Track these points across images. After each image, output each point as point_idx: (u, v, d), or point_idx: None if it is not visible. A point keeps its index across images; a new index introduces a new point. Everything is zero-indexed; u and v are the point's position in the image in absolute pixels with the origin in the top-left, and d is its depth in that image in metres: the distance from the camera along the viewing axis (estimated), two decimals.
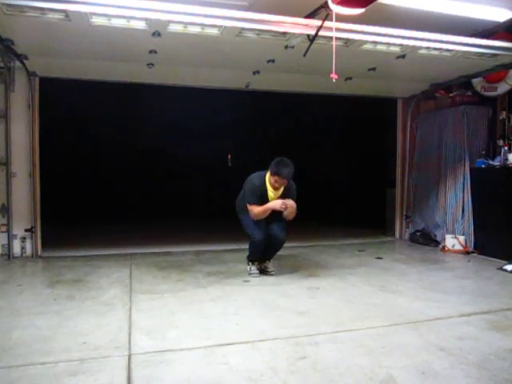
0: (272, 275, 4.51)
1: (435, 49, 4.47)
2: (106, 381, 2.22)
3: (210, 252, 5.86)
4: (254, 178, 4.43)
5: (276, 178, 4.22)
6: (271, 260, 4.63)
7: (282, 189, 4.33)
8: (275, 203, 4.22)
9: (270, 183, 4.30)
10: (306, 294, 3.89)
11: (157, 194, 9.80)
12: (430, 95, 6.57)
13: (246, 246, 6.24)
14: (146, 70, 5.15)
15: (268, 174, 4.32)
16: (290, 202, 4.19)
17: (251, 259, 4.60)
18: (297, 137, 9.90)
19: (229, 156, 11.15)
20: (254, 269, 4.58)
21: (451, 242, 5.86)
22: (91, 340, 2.73)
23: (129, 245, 6.06)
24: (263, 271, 4.58)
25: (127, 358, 2.50)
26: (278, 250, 4.59)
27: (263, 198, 4.31)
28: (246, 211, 4.38)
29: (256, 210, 4.26)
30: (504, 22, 4.57)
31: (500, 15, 4.24)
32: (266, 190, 4.32)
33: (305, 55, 4.08)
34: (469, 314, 3.29)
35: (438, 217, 6.34)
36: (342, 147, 9.44)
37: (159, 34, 3.99)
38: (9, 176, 5.19)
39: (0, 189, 5.20)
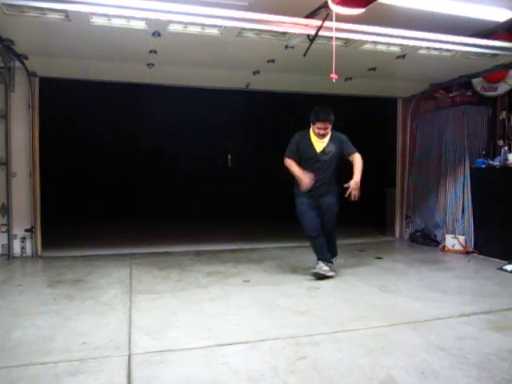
0: (331, 275, 4.35)
1: (435, 49, 4.47)
2: (106, 381, 2.22)
3: (210, 252, 5.85)
4: (298, 132, 4.45)
5: (318, 124, 4.22)
6: (334, 259, 4.58)
7: (327, 138, 4.29)
8: (302, 179, 4.20)
9: (316, 134, 4.28)
10: (305, 294, 3.89)
11: (157, 194, 9.80)
12: (429, 95, 6.57)
13: (246, 246, 6.27)
14: (146, 69, 5.15)
15: (311, 128, 4.32)
16: (352, 181, 4.17)
17: (319, 257, 4.40)
18: None
19: (229, 156, 11.15)
20: (324, 266, 4.32)
21: (451, 241, 5.86)
22: (91, 340, 2.73)
23: (129, 245, 6.07)
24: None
25: (127, 357, 2.50)
26: (334, 240, 4.57)
27: (307, 149, 4.31)
28: (297, 194, 4.39)
29: (288, 163, 4.32)
30: (504, 22, 4.56)
31: (500, 15, 4.23)
32: (309, 141, 4.31)
33: (305, 55, 4.08)
34: (469, 314, 3.29)
35: (437, 217, 6.34)
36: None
37: (159, 34, 3.99)
38: (9, 176, 5.19)
39: (0, 189, 5.20)
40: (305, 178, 4.21)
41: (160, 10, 3.46)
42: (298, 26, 3.79)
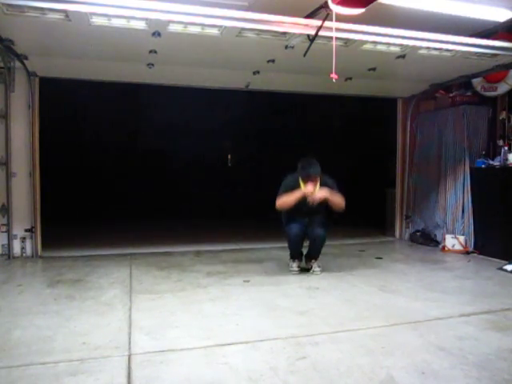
0: (317, 275, 4.56)
1: (435, 49, 4.47)
2: (106, 381, 2.22)
3: (210, 252, 5.85)
4: (287, 177, 4.57)
5: (307, 179, 4.34)
6: (317, 260, 4.68)
7: (317, 187, 4.39)
8: (306, 190, 4.30)
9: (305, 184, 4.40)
10: (306, 294, 3.89)
11: (156, 194, 9.80)
12: (430, 95, 6.57)
13: (246, 247, 6.27)
14: (146, 69, 5.15)
15: (300, 179, 4.44)
16: (321, 194, 4.28)
17: (291, 255, 4.73)
18: (297, 137, 9.89)
19: (229, 156, 11.16)
20: (294, 266, 4.67)
21: (451, 241, 5.86)
22: (91, 340, 2.73)
23: (129, 245, 6.07)
24: (310, 270, 4.66)
25: (127, 357, 2.50)
26: (320, 247, 4.65)
27: (299, 200, 4.36)
28: (290, 226, 4.56)
29: (280, 200, 4.38)
30: (504, 22, 4.56)
31: (500, 15, 4.23)
32: (300, 188, 4.40)
33: (305, 55, 4.08)
34: (469, 314, 3.29)
35: (437, 217, 6.34)
36: (341, 147, 9.44)
37: (159, 34, 3.99)
38: (9, 176, 5.18)
39: (0, 189, 5.20)
40: (305, 190, 4.32)
41: (160, 10, 3.46)
42: (298, 26, 3.78)
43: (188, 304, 3.53)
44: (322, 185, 4.42)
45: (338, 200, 4.40)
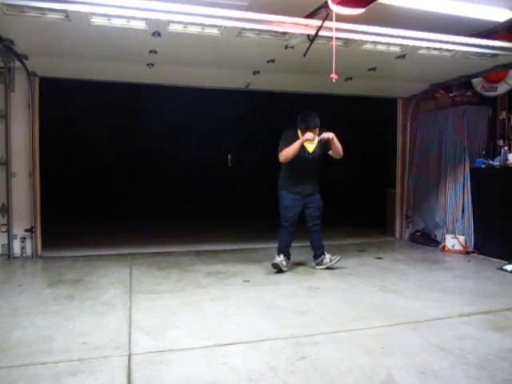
0: (333, 267, 4.71)
1: (435, 49, 4.47)
2: (106, 381, 2.22)
3: (210, 252, 5.85)
4: (285, 132, 4.66)
5: (308, 131, 4.44)
6: (326, 253, 4.79)
7: (316, 139, 4.53)
8: (306, 138, 4.41)
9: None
10: (305, 294, 3.89)
11: (157, 194, 9.80)
12: (429, 95, 6.57)
13: (246, 247, 6.26)
14: (146, 69, 5.15)
15: (299, 132, 4.55)
16: (327, 135, 4.37)
17: (280, 249, 4.72)
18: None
19: (229, 156, 11.15)
20: (278, 260, 4.62)
21: (451, 241, 5.86)
22: (91, 340, 2.73)
23: (129, 245, 6.06)
24: (319, 265, 4.78)
25: (127, 357, 2.50)
26: (319, 234, 4.73)
27: (300, 150, 4.48)
28: (284, 188, 4.68)
29: (286, 150, 4.47)
30: (504, 22, 4.56)
31: (500, 15, 4.24)
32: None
33: (305, 55, 4.08)
34: (469, 314, 3.29)
35: (437, 217, 6.34)
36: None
37: (159, 34, 3.99)
38: (9, 176, 5.18)
39: (0, 189, 5.20)
40: (306, 136, 4.43)
41: (160, 10, 3.46)
42: (298, 26, 3.79)
43: (188, 304, 3.53)
44: (319, 139, 4.53)
45: (338, 145, 4.52)
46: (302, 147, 4.52)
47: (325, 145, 4.59)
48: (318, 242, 4.80)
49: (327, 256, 4.79)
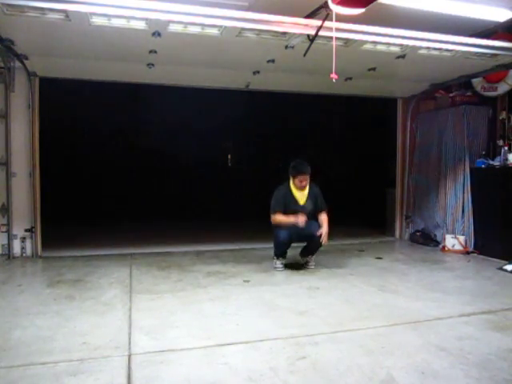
0: (311, 268, 4.82)
1: (435, 49, 4.47)
2: (106, 381, 2.22)
3: (210, 252, 5.85)
4: (278, 187, 4.82)
5: (299, 177, 4.64)
6: (313, 255, 4.90)
7: (307, 190, 4.71)
8: (298, 219, 4.49)
9: (296, 186, 4.69)
10: (305, 293, 3.89)
11: (157, 194, 9.80)
12: (429, 95, 6.57)
13: (246, 247, 6.26)
14: (146, 69, 5.15)
15: (290, 181, 4.73)
16: (323, 230, 4.55)
17: (276, 254, 4.88)
18: (297, 137, 9.90)
19: (229, 156, 11.15)
20: (278, 263, 4.84)
21: (451, 241, 5.86)
22: (91, 340, 2.73)
23: (129, 245, 6.06)
24: (304, 265, 4.89)
25: (127, 357, 2.50)
26: (318, 247, 4.78)
27: (291, 203, 4.68)
28: (281, 232, 4.70)
29: (278, 217, 4.64)
30: (504, 22, 4.56)
31: (500, 15, 4.23)
32: (291, 194, 4.71)
33: (305, 55, 4.08)
34: (469, 314, 3.29)
35: (437, 217, 6.34)
36: (341, 147, 9.45)
37: (159, 34, 3.99)
38: (9, 176, 5.19)
39: (0, 189, 5.20)
40: (299, 218, 4.50)
41: (160, 10, 3.46)
42: (298, 26, 3.78)
43: (188, 304, 3.53)
44: (310, 191, 4.73)
45: (326, 232, 4.60)
46: (294, 199, 4.70)
47: (315, 198, 4.76)
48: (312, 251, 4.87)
49: (312, 262, 4.90)
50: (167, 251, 5.84)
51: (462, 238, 5.77)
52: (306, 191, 4.72)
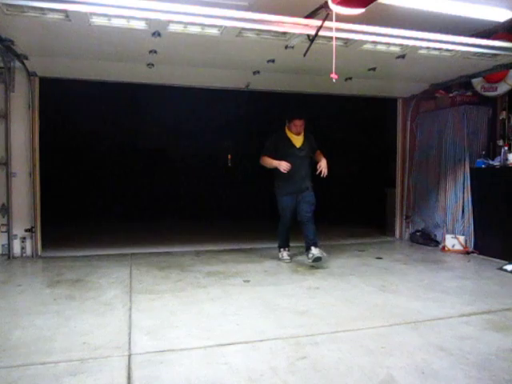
0: (319, 260, 4.79)
1: (435, 49, 4.47)
2: (106, 381, 2.22)
3: (210, 252, 5.85)
4: (271, 134, 5.05)
5: (295, 122, 4.85)
6: (317, 246, 4.89)
7: (302, 134, 4.95)
8: (280, 164, 4.78)
9: (292, 131, 4.92)
10: (305, 293, 3.89)
11: (157, 194, 9.81)
12: (430, 95, 6.57)
13: (246, 246, 6.26)
14: (146, 69, 5.15)
15: (286, 127, 4.95)
16: (322, 163, 4.87)
17: (281, 244, 5.16)
18: None
19: (229, 156, 11.15)
20: (285, 255, 5.10)
21: (451, 241, 5.86)
22: (91, 340, 2.74)
23: (129, 245, 6.07)
24: (311, 260, 4.86)
25: (127, 358, 2.50)
26: (311, 228, 4.91)
27: (286, 146, 4.90)
28: (280, 190, 5.01)
29: (265, 159, 4.93)
30: (504, 22, 4.56)
31: (500, 15, 4.23)
32: (287, 139, 4.94)
33: (305, 55, 4.08)
34: (469, 314, 3.30)
35: (437, 217, 6.34)
36: (342, 147, 9.44)
37: (159, 34, 3.99)
38: (9, 176, 5.19)
39: (0, 189, 5.20)
40: (283, 163, 4.77)
41: (160, 10, 3.46)
42: (298, 26, 3.79)
43: (188, 304, 3.53)
44: (305, 134, 4.98)
45: (325, 165, 4.88)
46: (290, 142, 4.91)
47: (311, 144, 5.03)
48: (310, 234, 4.90)
49: (313, 250, 4.80)
50: (167, 251, 5.83)
51: (462, 238, 5.77)
52: (302, 135, 4.94)
